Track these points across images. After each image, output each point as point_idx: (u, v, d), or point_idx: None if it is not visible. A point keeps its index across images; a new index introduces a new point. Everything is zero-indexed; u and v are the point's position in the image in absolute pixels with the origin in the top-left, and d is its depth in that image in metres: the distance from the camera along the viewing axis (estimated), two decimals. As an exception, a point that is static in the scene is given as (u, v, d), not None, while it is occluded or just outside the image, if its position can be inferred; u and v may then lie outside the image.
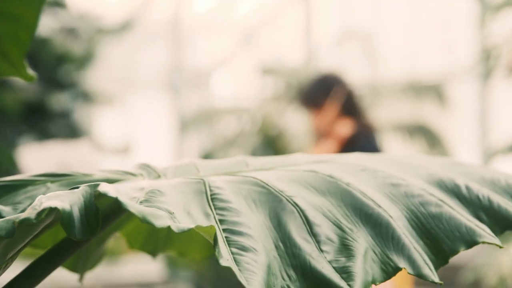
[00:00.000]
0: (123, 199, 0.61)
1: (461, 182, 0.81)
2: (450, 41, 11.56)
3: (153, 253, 0.92)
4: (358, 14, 13.00)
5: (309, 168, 0.79)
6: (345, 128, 3.13)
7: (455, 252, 0.74)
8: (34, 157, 2.48)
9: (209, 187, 0.73)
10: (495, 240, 0.75)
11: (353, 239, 0.71)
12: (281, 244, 0.69)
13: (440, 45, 11.67)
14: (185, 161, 0.84)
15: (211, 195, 0.72)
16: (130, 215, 0.82)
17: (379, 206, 0.74)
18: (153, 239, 0.91)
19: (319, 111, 3.18)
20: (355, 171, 0.80)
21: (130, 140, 11.52)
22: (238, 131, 10.87)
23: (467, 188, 0.81)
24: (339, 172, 0.78)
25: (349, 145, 3.15)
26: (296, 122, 11.30)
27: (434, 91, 10.50)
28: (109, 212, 0.74)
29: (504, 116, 10.35)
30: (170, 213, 0.65)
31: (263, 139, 4.21)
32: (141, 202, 0.66)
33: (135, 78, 12.78)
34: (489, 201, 0.80)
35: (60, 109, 9.71)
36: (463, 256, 6.41)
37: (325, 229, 0.71)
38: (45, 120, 9.44)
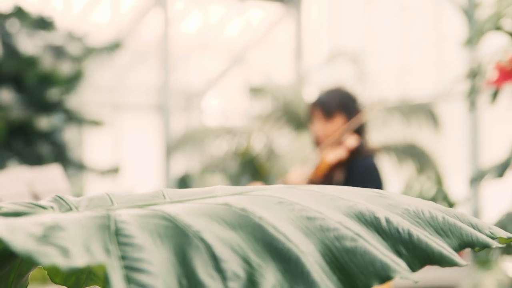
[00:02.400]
0: (8, 236, 0.60)
1: (382, 214, 0.80)
2: (441, 62, 11.59)
3: (76, 287, 0.90)
4: (349, 35, 13.04)
5: (224, 201, 0.78)
6: (353, 140, 3.19)
7: (368, 287, 0.72)
8: (1, 182, 2.45)
9: (115, 221, 0.71)
10: (410, 275, 0.73)
11: (261, 275, 0.70)
12: (184, 281, 0.68)
13: (431, 66, 11.70)
14: (100, 193, 0.83)
15: (115, 230, 0.70)
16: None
17: (290, 241, 0.73)
18: (75, 273, 0.89)
19: (330, 120, 3.22)
20: (270, 204, 0.78)
21: (118, 162, 11.50)
22: (227, 151, 10.86)
23: (387, 221, 0.80)
24: (253, 205, 0.77)
25: (353, 158, 3.20)
26: (285, 141, 11.30)
27: (425, 111, 10.52)
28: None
29: (493, 135, 10.36)
30: (65, 249, 0.64)
31: (251, 159, 4.23)
32: (37, 238, 0.65)
33: (123, 98, 12.77)
34: (409, 234, 0.79)
35: (47, 131, 9.69)
36: (449, 278, 6.40)
37: (233, 265, 0.70)
38: (32, 143, 9.41)
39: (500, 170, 3.89)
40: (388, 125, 10.30)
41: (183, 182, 3.67)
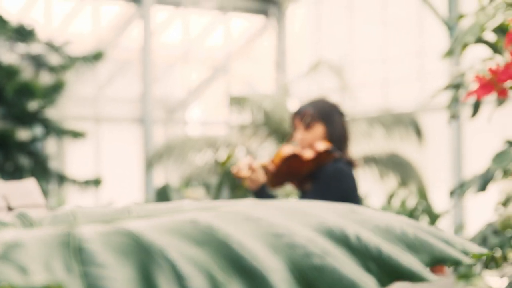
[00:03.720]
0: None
1: (352, 231, 0.79)
2: (423, 73, 11.64)
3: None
4: (332, 46, 13.08)
5: (190, 217, 0.76)
6: (323, 144, 3.21)
7: (336, 305, 0.71)
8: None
9: (77, 238, 0.69)
10: (379, 292, 0.72)
11: (227, 292, 0.68)
12: (147, 299, 0.66)
13: (413, 77, 11.74)
14: (66, 209, 0.81)
15: (77, 247, 0.68)
16: None
17: (256, 258, 0.71)
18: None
19: (310, 129, 3.27)
20: (238, 220, 0.77)
21: (99, 174, 11.44)
22: (208, 163, 10.84)
23: (357, 237, 0.78)
24: (219, 221, 0.75)
25: (322, 163, 3.21)
26: (267, 152, 11.29)
27: (407, 123, 10.55)
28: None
29: (476, 146, 10.40)
30: (23, 268, 0.62)
31: (227, 169, 4.22)
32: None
33: (104, 110, 12.72)
34: (379, 250, 0.78)
35: (27, 143, 9.62)
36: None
37: (197, 283, 0.68)
38: (11, 155, 9.34)
39: (482, 184, 3.89)
40: (370, 136, 10.32)
41: (163, 195, 3.65)
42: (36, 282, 0.60)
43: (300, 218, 0.79)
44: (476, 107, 3.81)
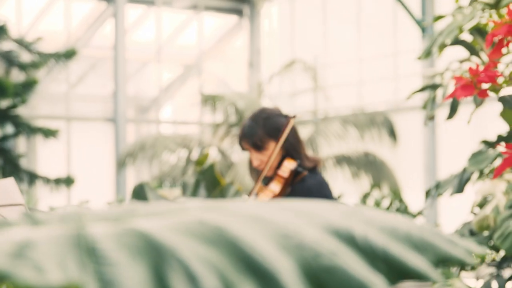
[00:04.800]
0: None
1: (359, 230, 0.79)
2: (397, 74, 11.71)
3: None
4: (306, 46, 13.11)
5: (197, 217, 0.76)
6: (290, 165, 3.17)
7: (346, 305, 0.72)
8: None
9: (90, 238, 0.69)
10: (388, 292, 0.73)
11: (239, 292, 0.69)
12: (161, 299, 0.66)
13: (388, 78, 11.81)
14: (70, 208, 0.80)
15: (91, 247, 0.68)
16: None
17: (268, 258, 0.71)
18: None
19: (263, 150, 3.19)
20: (247, 220, 0.77)
21: (71, 173, 11.36)
22: (182, 161, 10.81)
23: (364, 237, 0.79)
24: (229, 221, 0.75)
25: (293, 183, 3.19)
26: (240, 150, 11.29)
27: (381, 123, 10.61)
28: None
29: (450, 146, 10.49)
30: (39, 267, 0.62)
31: (208, 169, 4.21)
32: (10, 256, 0.62)
33: (76, 108, 12.64)
34: (386, 250, 0.78)
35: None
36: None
37: (210, 282, 0.68)
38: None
39: (459, 185, 3.92)
40: (344, 136, 10.36)
41: (139, 194, 3.62)
42: (53, 281, 0.60)
43: (307, 218, 0.80)
44: (454, 108, 3.84)
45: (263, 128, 3.17)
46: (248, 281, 0.70)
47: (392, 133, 10.48)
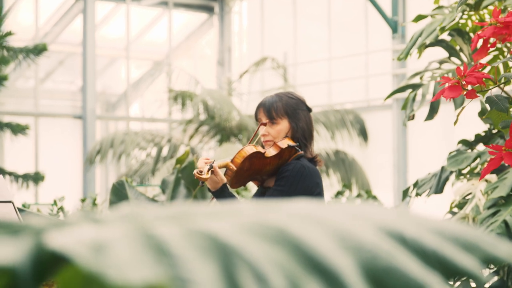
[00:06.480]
0: (72, 250, 0.58)
1: (410, 231, 0.81)
2: (369, 72, 11.77)
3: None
4: (276, 44, 13.12)
5: (257, 218, 0.77)
6: (285, 142, 3.25)
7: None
8: None
9: (159, 237, 0.70)
10: (446, 291, 0.75)
11: (306, 292, 0.70)
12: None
13: (359, 76, 11.87)
14: (127, 207, 0.81)
15: (162, 246, 0.69)
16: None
17: (331, 259, 0.73)
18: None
19: (274, 122, 3.28)
20: (305, 221, 0.78)
21: (39, 169, 11.26)
22: (151, 157, 10.77)
23: (416, 238, 0.80)
24: (289, 222, 0.77)
25: (288, 160, 3.25)
26: (211, 147, 11.27)
27: (352, 121, 10.66)
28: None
29: (421, 145, 10.58)
30: (120, 267, 0.62)
31: (187, 166, 4.21)
32: (93, 256, 0.63)
33: (44, 104, 12.52)
34: (437, 250, 0.80)
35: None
36: None
37: (278, 282, 0.69)
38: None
39: (438, 185, 3.96)
40: (317, 133, 10.39)
41: (119, 192, 3.61)
42: (137, 281, 0.60)
43: (360, 219, 0.81)
44: (435, 108, 3.88)
45: (284, 104, 3.28)
46: (313, 281, 0.71)
47: (363, 132, 10.54)
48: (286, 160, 3.24)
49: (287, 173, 3.16)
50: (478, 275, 0.80)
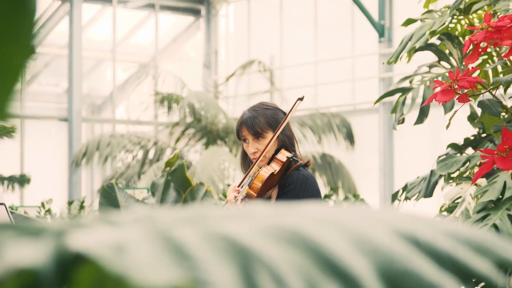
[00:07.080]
0: (95, 251, 0.57)
1: (424, 234, 0.81)
2: (356, 76, 11.79)
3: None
4: (263, 48, 13.12)
5: (272, 221, 0.77)
6: (284, 154, 3.28)
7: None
8: None
9: (177, 240, 0.70)
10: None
11: (324, 294, 0.70)
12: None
13: (346, 79, 11.88)
14: (141, 209, 0.81)
15: (181, 248, 0.68)
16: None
17: (348, 262, 0.73)
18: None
19: (260, 138, 3.32)
20: (322, 224, 0.78)
21: (25, 171, 11.20)
22: (138, 159, 10.74)
23: (430, 241, 0.80)
24: (305, 225, 0.76)
25: (287, 171, 3.30)
26: (198, 150, 11.25)
27: (338, 125, 10.68)
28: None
29: (406, 150, 10.61)
30: (142, 269, 0.62)
31: (177, 169, 4.19)
32: (116, 257, 0.63)
33: (30, 106, 12.47)
34: (451, 254, 0.80)
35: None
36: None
37: (297, 284, 0.69)
38: None
39: (428, 189, 3.97)
40: (300, 138, 10.40)
41: (108, 194, 3.60)
42: (160, 282, 0.60)
43: (375, 222, 0.81)
44: (425, 112, 3.89)
45: (264, 117, 3.32)
46: (331, 284, 0.71)
47: (349, 136, 10.56)
48: (285, 171, 3.30)
49: (292, 186, 3.24)
50: (492, 278, 0.80)
